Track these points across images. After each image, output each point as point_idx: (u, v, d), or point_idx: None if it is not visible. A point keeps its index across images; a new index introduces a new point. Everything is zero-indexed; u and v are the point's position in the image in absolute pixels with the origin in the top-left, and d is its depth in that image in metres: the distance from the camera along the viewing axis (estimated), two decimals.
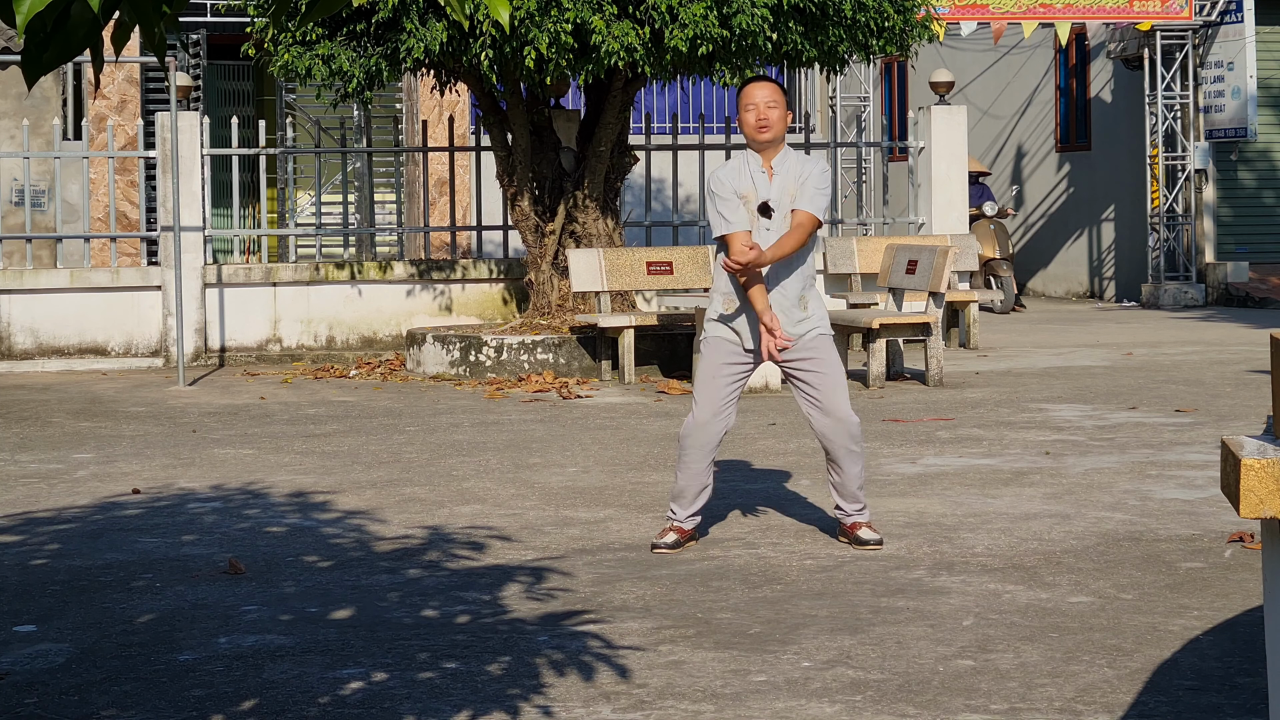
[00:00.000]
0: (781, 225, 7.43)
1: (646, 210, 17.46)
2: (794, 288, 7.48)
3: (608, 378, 14.33)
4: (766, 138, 7.43)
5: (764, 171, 7.47)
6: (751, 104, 7.42)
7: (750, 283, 7.38)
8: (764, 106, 7.40)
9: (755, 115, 7.41)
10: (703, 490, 7.53)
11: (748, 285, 7.39)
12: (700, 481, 7.52)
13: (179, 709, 5.14)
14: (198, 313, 16.09)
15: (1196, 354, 15.85)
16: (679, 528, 7.51)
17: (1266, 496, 3.09)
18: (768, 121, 7.41)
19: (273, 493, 9.02)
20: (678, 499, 7.52)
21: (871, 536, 7.46)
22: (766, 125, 7.41)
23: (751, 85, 7.49)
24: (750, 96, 7.44)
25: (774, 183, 7.46)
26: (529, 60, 13.27)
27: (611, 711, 5.08)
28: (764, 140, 7.43)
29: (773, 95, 7.44)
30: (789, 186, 7.45)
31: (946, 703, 5.13)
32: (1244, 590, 6.50)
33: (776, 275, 7.45)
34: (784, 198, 7.45)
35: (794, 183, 7.46)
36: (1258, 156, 23.02)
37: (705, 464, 7.52)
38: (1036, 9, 21.24)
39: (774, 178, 7.46)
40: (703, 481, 7.53)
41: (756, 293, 7.37)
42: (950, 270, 13.88)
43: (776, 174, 7.47)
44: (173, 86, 15.05)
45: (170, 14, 2.95)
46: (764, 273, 7.41)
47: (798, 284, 7.49)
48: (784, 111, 7.46)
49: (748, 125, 7.44)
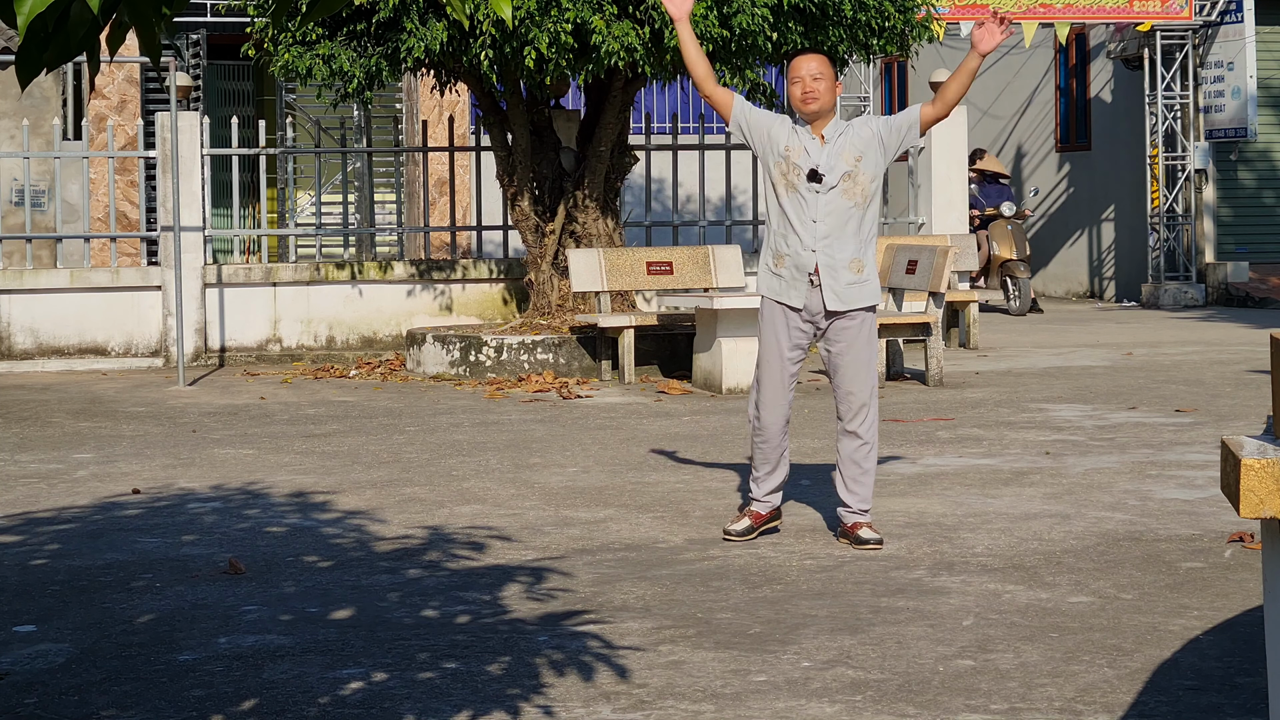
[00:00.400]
0: (835, 188, 7.38)
1: (646, 210, 17.46)
2: (846, 251, 7.43)
3: (608, 378, 14.33)
4: (814, 109, 7.42)
5: (815, 139, 7.45)
6: (797, 77, 7.43)
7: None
8: (810, 79, 7.40)
9: (801, 88, 7.42)
10: (778, 466, 7.60)
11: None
12: (770, 462, 7.58)
13: (179, 709, 5.14)
14: (198, 313, 16.09)
15: (1196, 354, 15.85)
16: (754, 512, 7.60)
17: (1266, 496, 3.09)
18: (815, 92, 7.40)
19: (273, 493, 9.02)
20: (755, 479, 7.64)
21: (871, 536, 7.46)
22: (814, 96, 7.40)
23: (798, 58, 7.51)
24: (796, 70, 7.45)
25: (826, 148, 7.42)
26: (529, 60, 13.27)
27: (611, 711, 5.08)
28: (811, 111, 7.42)
29: (820, 67, 7.43)
30: (846, 152, 7.41)
31: (946, 703, 5.13)
32: (1244, 590, 6.50)
33: (827, 242, 7.41)
34: (838, 163, 7.40)
35: (850, 150, 7.41)
36: (1258, 156, 23.02)
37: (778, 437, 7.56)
38: (1036, 9, 21.24)
39: (826, 144, 7.43)
40: (773, 462, 7.58)
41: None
42: (950, 270, 13.88)
43: (829, 140, 7.44)
44: (173, 86, 15.05)
45: (168, 15, 2.95)
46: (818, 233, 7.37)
47: (851, 246, 7.44)
48: (832, 83, 7.43)
49: (794, 98, 7.44)
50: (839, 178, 7.41)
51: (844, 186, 7.42)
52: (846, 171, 7.41)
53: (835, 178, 7.41)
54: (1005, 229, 21.80)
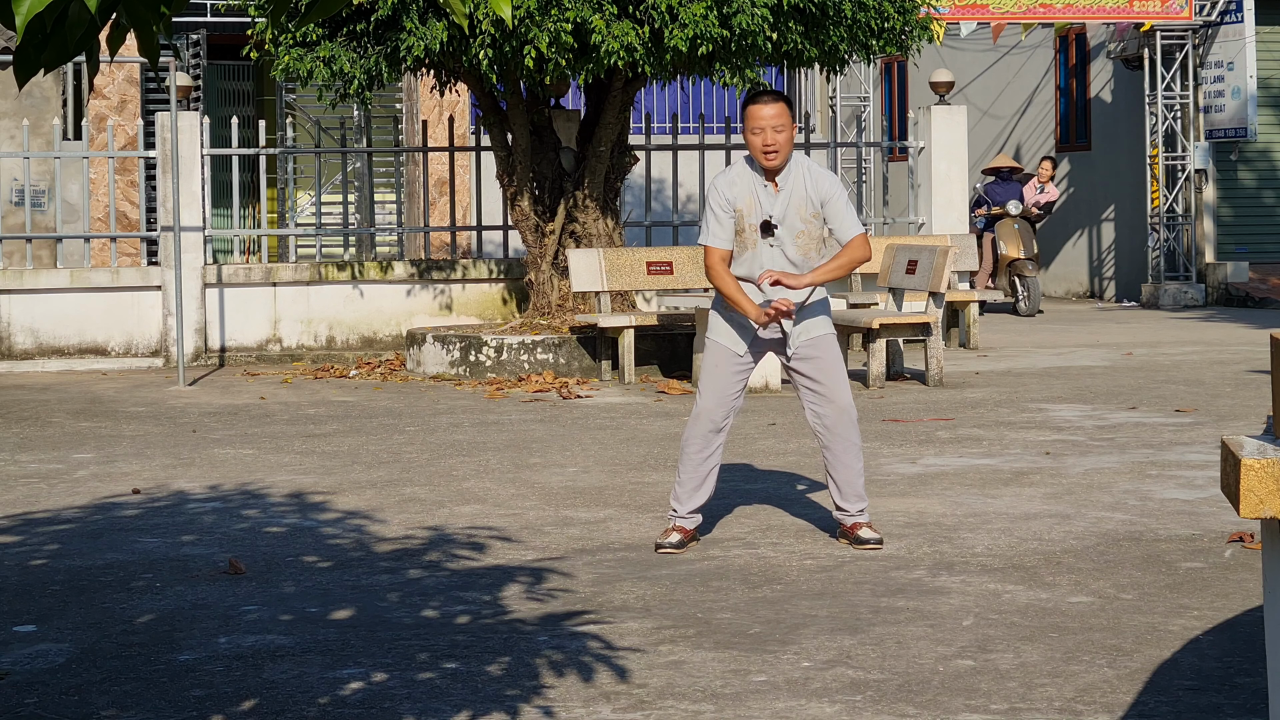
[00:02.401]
0: (789, 241, 7.35)
1: (646, 210, 17.46)
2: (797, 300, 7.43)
3: (608, 378, 14.33)
4: (775, 164, 7.29)
5: (767, 186, 7.34)
6: (759, 127, 7.24)
7: (736, 296, 7.34)
8: (771, 131, 7.23)
9: (762, 140, 7.25)
10: (700, 487, 7.50)
11: (732, 297, 7.34)
12: (697, 476, 7.49)
13: (179, 709, 5.14)
14: (198, 313, 16.09)
15: (1196, 354, 15.85)
16: (681, 527, 7.50)
17: (1266, 496, 3.09)
18: (776, 145, 7.25)
19: (273, 493, 9.02)
20: (677, 495, 7.53)
21: (871, 536, 7.45)
22: (775, 150, 7.26)
23: (757, 105, 7.29)
24: (756, 119, 7.25)
25: (779, 198, 7.34)
26: (529, 60, 13.27)
27: (611, 711, 5.07)
28: (773, 166, 7.30)
29: (779, 117, 7.25)
30: (797, 205, 7.32)
31: (946, 703, 5.13)
32: (1244, 590, 6.50)
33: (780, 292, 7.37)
34: (790, 215, 7.32)
35: (804, 203, 7.32)
36: (1258, 156, 23.02)
37: (704, 457, 7.49)
38: (1036, 9, 21.24)
39: (779, 192, 7.35)
40: (699, 477, 7.50)
41: (746, 302, 7.34)
42: (950, 270, 13.88)
43: (782, 189, 7.35)
44: (173, 86, 15.05)
45: (167, 15, 2.95)
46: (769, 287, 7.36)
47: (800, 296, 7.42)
48: (791, 131, 7.28)
49: (754, 148, 7.28)
50: (792, 233, 7.35)
51: (799, 242, 7.38)
52: (800, 228, 7.36)
53: (788, 231, 7.35)
54: (1012, 228, 21.76)
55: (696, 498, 7.51)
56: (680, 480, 7.53)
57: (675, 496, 7.54)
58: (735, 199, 7.36)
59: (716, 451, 7.54)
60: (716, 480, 7.63)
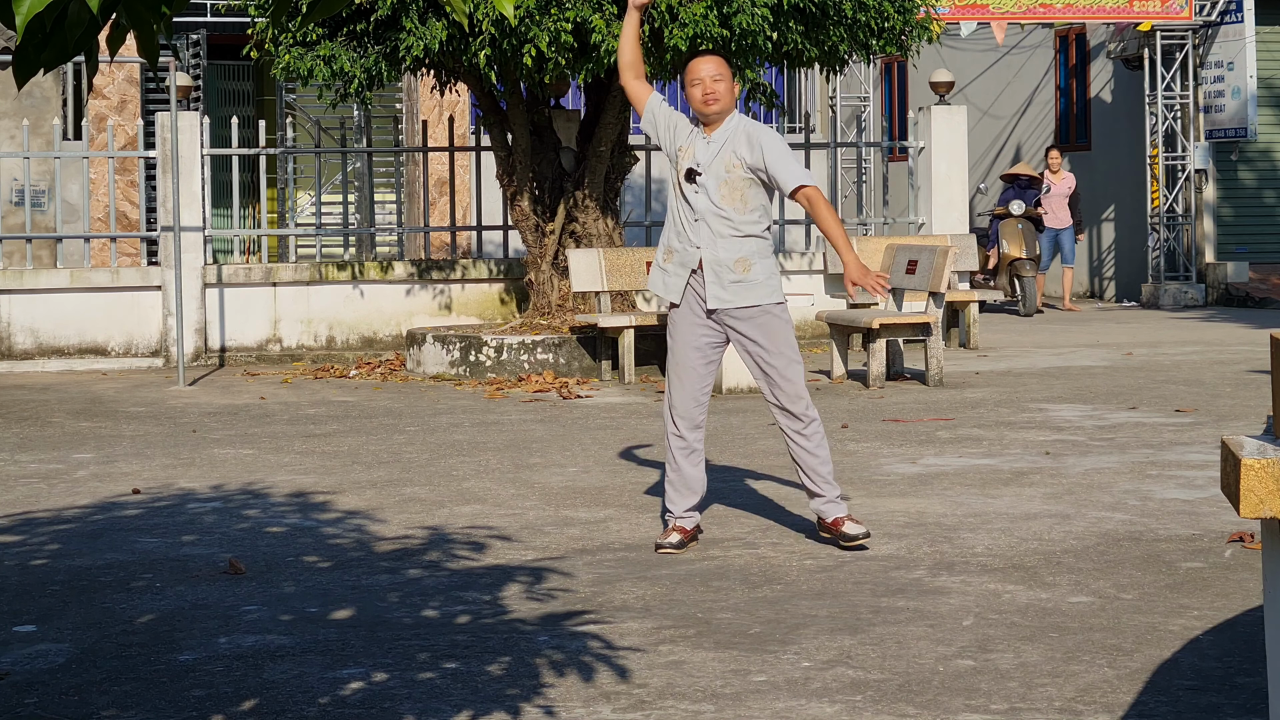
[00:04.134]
0: (713, 188, 7.37)
1: (646, 210, 17.46)
2: (729, 251, 7.38)
3: (608, 378, 14.33)
4: (715, 109, 7.44)
5: (705, 138, 7.47)
6: (697, 79, 7.44)
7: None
8: (710, 80, 7.42)
9: (702, 90, 7.42)
10: (689, 486, 7.49)
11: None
12: (685, 476, 7.49)
13: (179, 709, 5.14)
14: (198, 313, 16.09)
15: (1196, 354, 15.85)
16: (680, 527, 7.50)
17: (1266, 496, 3.09)
18: (715, 94, 7.42)
19: (273, 493, 9.02)
20: (670, 497, 7.53)
21: (857, 530, 7.39)
22: (714, 98, 7.42)
23: (696, 60, 7.54)
24: (695, 72, 7.47)
25: (709, 149, 7.43)
26: (528, 59, 13.27)
27: (611, 711, 5.07)
28: (713, 112, 7.45)
29: (718, 69, 7.46)
30: (725, 156, 7.40)
31: (946, 703, 5.13)
32: (1244, 590, 6.50)
33: (710, 239, 7.39)
34: (718, 167, 7.40)
35: (733, 154, 7.39)
36: (1258, 156, 23.02)
37: (686, 457, 7.48)
38: (1036, 9, 21.24)
39: (711, 144, 7.45)
40: (688, 476, 7.49)
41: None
42: (950, 270, 13.88)
43: (714, 141, 7.45)
44: (173, 86, 15.05)
45: (168, 15, 2.95)
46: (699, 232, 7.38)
47: (735, 248, 7.39)
48: (730, 83, 7.47)
49: (694, 100, 7.45)
50: (717, 181, 7.40)
51: (722, 192, 7.41)
52: (724, 177, 7.41)
53: (713, 179, 7.40)
54: (1015, 228, 21.77)
55: (689, 498, 7.50)
56: (668, 480, 7.54)
57: (668, 498, 7.54)
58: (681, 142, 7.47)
59: (696, 448, 7.49)
60: (706, 478, 7.61)
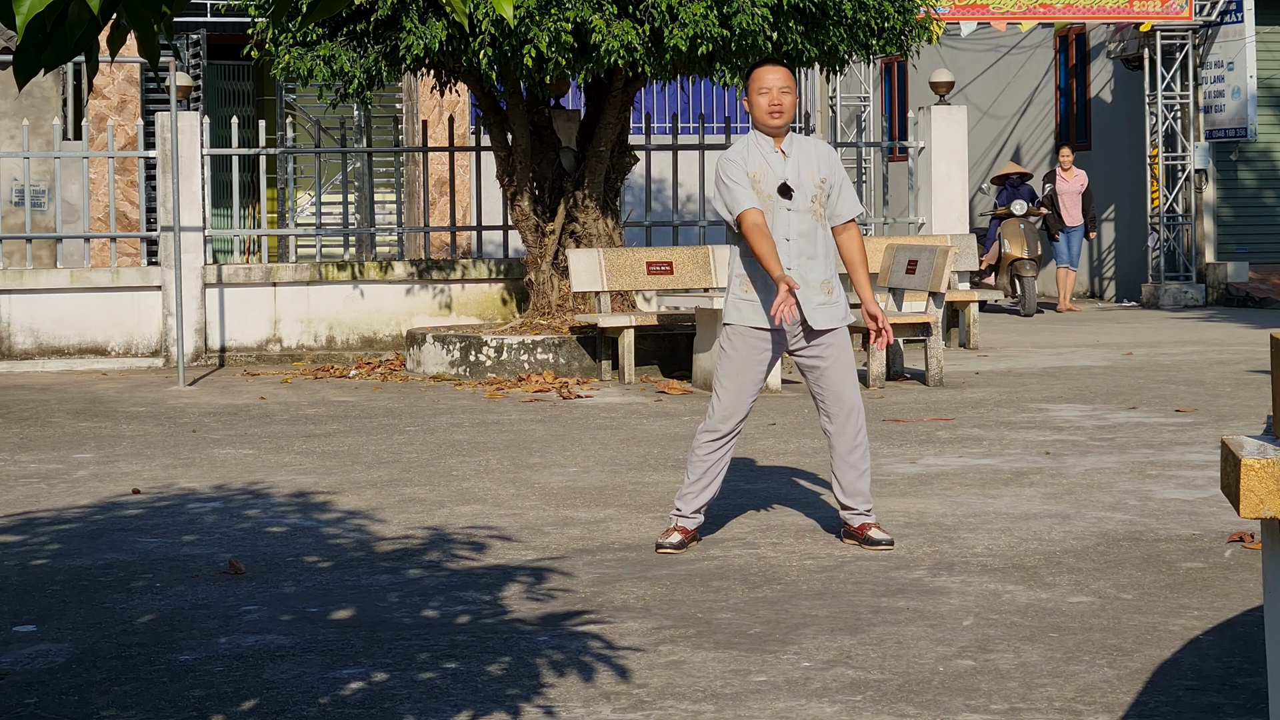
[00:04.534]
0: (805, 206, 7.37)
1: (646, 210, 17.46)
2: (817, 272, 7.43)
3: (608, 378, 14.33)
4: (780, 123, 7.39)
5: (777, 152, 7.43)
6: (765, 88, 7.37)
7: (767, 255, 7.27)
8: (778, 91, 7.36)
9: (769, 100, 7.36)
10: (707, 488, 7.51)
11: (765, 255, 7.26)
12: (706, 477, 7.50)
13: (179, 709, 5.14)
14: (198, 313, 16.09)
15: (1196, 354, 15.85)
16: (683, 527, 7.50)
17: (1266, 496, 3.09)
18: (781, 107, 7.37)
19: (273, 493, 9.02)
20: (682, 495, 7.52)
21: (883, 537, 7.44)
22: (780, 110, 7.38)
23: (764, 69, 7.45)
24: (763, 80, 7.39)
25: (789, 163, 7.40)
26: (528, 59, 13.27)
27: (611, 711, 5.07)
28: (777, 125, 7.40)
29: (786, 80, 7.42)
30: (807, 170, 7.40)
31: (946, 703, 5.13)
32: (1244, 590, 6.50)
33: (800, 261, 7.39)
34: (803, 180, 7.39)
35: (814, 169, 7.39)
36: (1258, 156, 23.02)
37: (715, 458, 7.49)
38: (1036, 9, 21.24)
39: (788, 159, 7.42)
40: (709, 478, 7.51)
41: (775, 262, 7.25)
42: (950, 270, 13.88)
43: (790, 155, 7.42)
44: (173, 86, 15.05)
45: (169, 15, 2.95)
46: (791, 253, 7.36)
47: (821, 269, 7.44)
48: (795, 97, 7.43)
49: (759, 109, 7.37)
50: (808, 197, 7.40)
51: (814, 208, 7.41)
52: (814, 193, 7.40)
53: (804, 196, 7.39)
54: (1017, 228, 21.77)
55: (701, 498, 7.51)
56: (688, 480, 7.53)
57: (680, 496, 7.54)
58: (748, 164, 7.41)
59: (728, 454, 7.53)
60: (722, 482, 7.63)
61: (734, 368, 7.47)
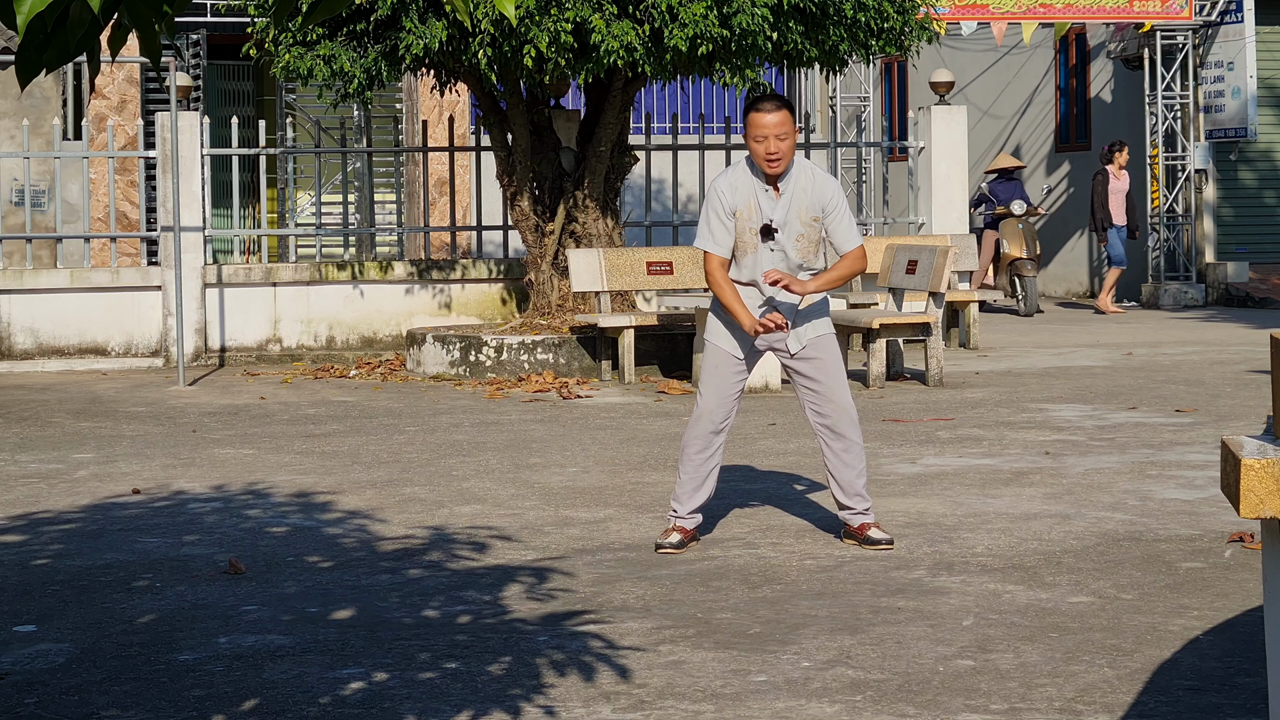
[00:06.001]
0: (789, 245, 7.36)
1: (646, 210, 17.46)
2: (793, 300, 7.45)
3: (608, 378, 14.33)
4: (777, 170, 7.28)
5: (769, 190, 7.35)
6: (761, 136, 7.21)
7: (733, 302, 7.35)
8: (774, 139, 7.21)
9: (765, 149, 7.23)
10: (700, 487, 7.51)
11: (729, 305, 7.35)
12: (698, 476, 7.50)
13: (179, 709, 5.14)
14: (198, 313, 16.09)
15: (1197, 354, 15.85)
16: (681, 527, 7.51)
17: (1266, 496, 3.09)
18: (778, 154, 7.23)
19: (273, 493, 9.02)
20: (677, 495, 7.53)
21: (882, 536, 7.45)
22: (777, 158, 7.24)
23: (759, 113, 7.24)
24: (759, 126, 7.22)
25: (780, 203, 7.34)
26: (528, 59, 13.27)
27: (612, 711, 5.08)
28: (775, 173, 7.30)
29: (782, 124, 7.22)
30: (798, 210, 7.34)
31: (946, 703, 5.13)
32: (1244, 590, 6.50)
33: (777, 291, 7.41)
34: (791, 220, 7.33)
35: (806, 209, 7.34)
36: (1258, 156, 23.02)
37: (705, 457, 7.51)
38: (1036, 9, 21.24)
39: (780, 197, 7.35)
40: (700, 476, 7.51)
41: (742, 311, 7.35)
42: (950, 270, 13.88)
43: (784, 194, 7.35)
44: (173, 86, 15.05)
45: (170, 14, 2.95)
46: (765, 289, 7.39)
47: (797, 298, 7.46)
48: (793, 138, 7.26)
49: (757, 156, 7.26)
50: (793, 236, 7.37)
51: (799, 245, 7.39)
52: (800, 231, 7.37)
53: (789, 236, 7.36)
54: (1016, 228, 21.75)
55: (697, 497, 7.52)
56: (681, 480, 7.54)
57: (675, 496, 7.55)
58: (736, 204, 7.37)
59: (717, 452, 7.55)
60: (717, 480, 7.64)
61: (710, 374, 7.56)
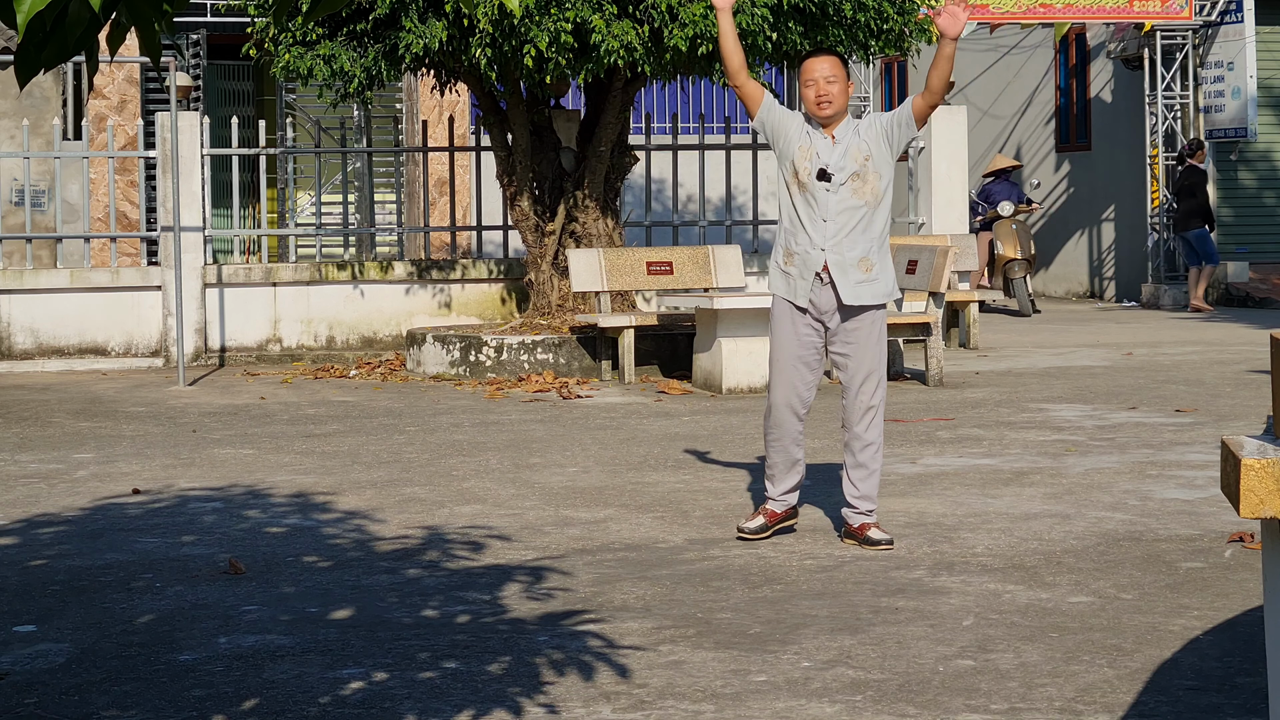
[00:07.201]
0: (846, 186, 7.36)
1: (646, 210, 17.45)
2: (855, 249, 7.41)
3: (608, 378, 14.33)
4: (828, 113, 7.38)
5: (826, 138, 7.42)
6: (811, 80, 7.36)
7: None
8: (824, 82, 7.34)
9: (815, 91, 7.36)
10: (793, 466, 7.56)
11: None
12: (781, 457, 7.54)
13: (179, 709, 5.14)
14: (198, 313, 16.09)
15: (1197, 354, 15.85)
16: (769, 510, 7.56)
17: (1266, 496, 3.09)
18: (829, 96, 7.35)
19: (273, 493, 9.02)
20: (770, 477, 7.61)
21: (882, 536, 7.45)
22: (828, 100, 7.36)
23: (810, 59, 7.44)
24: (810, 72, 7.38)
25: (836, 148, 7.40)
26: (528, 59, 13.27)
27: (611, 711, 5.08)
28: (825, 116, 7.38)
29: (833, 69, 7.37)
30: (855, 152, 7.39)
31: (946, 703, 5.13)
32: (1244, 590, 6.50)
33: (838, 239, 7.39)
34: (848, 163, 7.38)
35: (860, 148, 7.38)
36: (1258, 157, 23.02)
37: (778, 436, 7.52)
38: (1036, 9, 21.24)
39: (837, 144, 7.41)
40: (792, 457, 7.55)
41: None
42: (950, 270, 13.87)
43: (840, 140, 7.42)
44: (173, 86, 15.04)
45: (170, 13, 2.95)
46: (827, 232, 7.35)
47: (860, 245, 7.41)
48: (845, 84, 7.40)
49: (808, 101, 7.38)
50: (848, 177, 7.39)
51: (853, 186, 7.41)
52: (855, 171, 7.40)
53: (844, 176, 7.39)
54: (1009, 228, 21.75)
55: (788, 480, 7.58)
56: (769, 464, 7.62)
57: (767, 477, 7.62)
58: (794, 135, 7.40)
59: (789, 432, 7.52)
60: (804, 464, 7.65)
61: (776, 339, 7.52)
